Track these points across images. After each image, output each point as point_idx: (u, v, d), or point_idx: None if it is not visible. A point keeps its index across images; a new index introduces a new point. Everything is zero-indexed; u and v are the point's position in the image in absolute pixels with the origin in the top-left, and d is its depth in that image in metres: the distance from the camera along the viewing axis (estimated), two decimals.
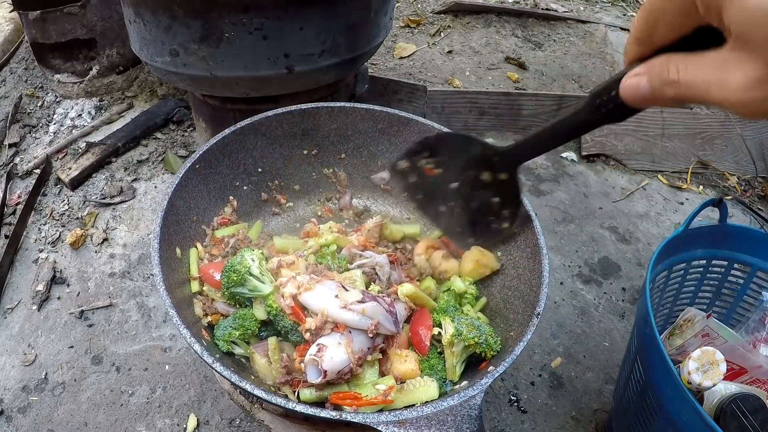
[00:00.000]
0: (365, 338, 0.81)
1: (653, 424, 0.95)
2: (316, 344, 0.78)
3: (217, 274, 0.92)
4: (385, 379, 0.82)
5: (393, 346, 0.87)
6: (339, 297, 0.81)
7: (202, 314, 0.93)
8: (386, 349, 0.86)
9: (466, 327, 0.85)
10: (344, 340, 0.78)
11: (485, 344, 0.85)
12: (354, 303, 0.80)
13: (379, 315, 0.81)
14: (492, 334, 0.87)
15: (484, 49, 2.50)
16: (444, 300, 0.96)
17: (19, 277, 1.53)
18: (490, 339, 0.85)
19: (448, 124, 1.16)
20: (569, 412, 1.30)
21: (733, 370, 1.06)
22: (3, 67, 2.15)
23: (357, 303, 0.80)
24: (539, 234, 0.94)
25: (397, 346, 0.87)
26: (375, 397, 0.77)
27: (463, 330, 0.85)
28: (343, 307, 0.80)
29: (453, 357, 0.87)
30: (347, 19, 1.26)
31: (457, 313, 0.93)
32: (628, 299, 1.59)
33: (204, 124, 1.66)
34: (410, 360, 0.84)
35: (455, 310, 0.94)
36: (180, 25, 1.18)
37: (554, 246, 1.71)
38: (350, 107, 1.15)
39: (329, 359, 0.76)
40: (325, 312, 0.79)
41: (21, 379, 1.31)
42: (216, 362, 0.74)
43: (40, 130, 1.95)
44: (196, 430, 1.22)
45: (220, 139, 1.04)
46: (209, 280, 0.94)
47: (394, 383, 0.80)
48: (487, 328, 0.88)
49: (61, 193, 1.73)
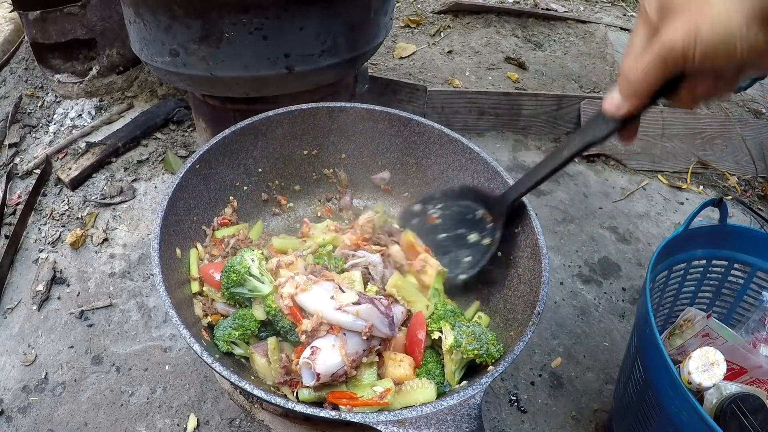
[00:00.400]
0: (360, 340, 0.80)
1: (653, 424, 0.95)
2: (310, 347, 0.78)
3: (217, 275, 0.92)
4: (383, 381, 0.82)
5: (389, 349, 0.86)
6: (335, 298, 0.81)
7: (202, 314, 0.93)
8: (382, 352, 0.85)
9: (466, 337, 0.83)
10: (338, 343, 0.78)
11: (486, 354, 0.82)
12: (348, 305, 0.80)
13: (373, 317, 0.81)
14: (494, 342, 0.84)
15: (484, 49, 2.50)
16: (441, 304, 0.94)
17: (19, 277, 1.53)
18: (491, 348, 0.82)
19: (448, 124, 1.17)
20: (569, 412, 1.30)
21: (733, 370, 1.06)
22: (3, 67, 2.15)
23: (352, 305, 0.80)
24: (539, 234, 0.94)
25: (393, 349, 0.86)
26: (371, 398, 0.77)
27: (462, 341, 0.82)
28: (338, 308, 0.79)
29: (452, 363, 0.85)
30: (347, 19, 1.26)
31: (459, 319, 0.91)
32: (628, 299, 1.59)
33: (204, 124, 1.66)
34: (405, 364, 0.84)
35: (454, 316, 0.91)
36: (180, 25, 1.18)
37: (554, 246, 1.71)
38: (350, 107, 1.15)
39: (322, 362, 0.76)
40: (320, 313, 0.79)
41: (21, 379, 1.31)
42: (216, 362, 0.74)
43: (40, 130, 1.95)
44: (196, 430, 1.22)
45: (220, 139, 1.04)
46: (209, 281, 0.94)
47: (391, 386, 0.80)
48: (489, 335, 0.85)
49: (61, 193, 1.73)
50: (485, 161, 1.08)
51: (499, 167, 1.06)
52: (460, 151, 1.12)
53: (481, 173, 1.10)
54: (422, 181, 1.21)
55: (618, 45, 2.58)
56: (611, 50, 2.54)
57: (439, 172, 1.18)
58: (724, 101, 2.34)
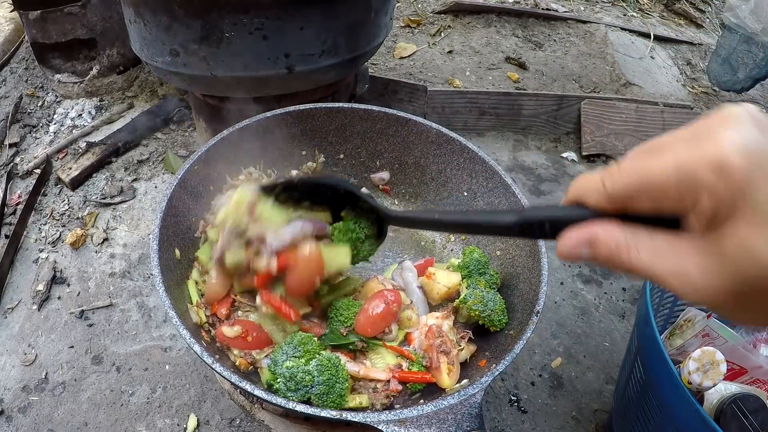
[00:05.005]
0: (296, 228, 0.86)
1: (653, 424, 0.95)
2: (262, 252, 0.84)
3: (228, 330, 0.89)
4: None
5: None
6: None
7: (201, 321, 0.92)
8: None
9: (473, 298, 0.92)
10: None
11: (488, 319, 0.91)
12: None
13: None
14: (500, 311, 0.92)
15: (485, 49, 2.50)
16: (469, 251, 1.02)
17: (19, 277, 1.53)
18: (495, 316, 0.91)
19: (448, 124, 1.17)
20: (569, 412, 1.30)
21: (733, 370, 1.06)
22: (3, 67, 2.15)
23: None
24: None
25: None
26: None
27: (469, 300, 0.92)
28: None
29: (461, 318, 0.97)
30: (347, 19, 1.26)
31: (479, 282, 0.97)
32: (628, 299, 1.59)
33: (204, 124, 1.66)
34: None
35: (479, 267, 0.99)
36: (180, 25, 1.18)
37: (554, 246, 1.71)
38: (349, 108, 1.15)
39: (272, 240, 0.83)
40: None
41: (21, 379, 1.31)
42: (216, 362, 0.74)
43: (41, 130, 1.95)
44: (196, 430, 1.22)
45: (219, 140, 1.04)
46: (227, 341, 0.90)
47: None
48: (498, 304, 0.93)
49: (62, 193, 1.73)
50: (483, 161, 1.08)
51: (497, 166, 1.07)
52: (459, 151, 1.12)
53: (480, 173, 1.10)
54: (421, 180, 1.21)
55: (618, 45, 2.58)
56: (611, 50, 2.54)
57: (438, 172, 1.18)
58: (724, 104, 2.34)
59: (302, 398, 0.78)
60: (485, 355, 0.91)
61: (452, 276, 1.00)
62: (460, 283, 1.00)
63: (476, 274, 0.98)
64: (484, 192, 1.10)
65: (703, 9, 3.09)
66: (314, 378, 0.78)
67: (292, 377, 0.78)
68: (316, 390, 0.78)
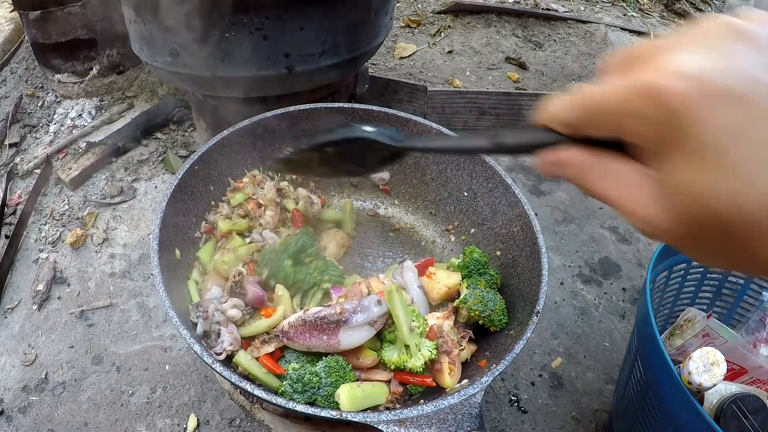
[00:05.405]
0: None
1: (653, 425, 0.95)
2: None
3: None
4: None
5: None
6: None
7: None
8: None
9: (473, 298, 0.92)
10: None
11: (488, 319, 0.91)
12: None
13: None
14: (500, 311, 0.92)
15: (485, 49, 2.50)
16: (469, 251, 1.02)
17: (19, 277, 1.53)
18: (495, 316, 0.91)
19: (448, 124, 1.17)
20: (569, 413, 1.30)
21: (733, 370, 1.06)
22: (3, 67, 2.15)
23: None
24: (538, 233, 0.94)
25: None
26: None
27: (469, 300, 0.92)
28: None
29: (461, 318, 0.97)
30: (347, 19, 1.26)
31: (479, 282, 0.97)
32: (628, 299, 1.59)
33: (204, 124, 1.66)
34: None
35: (478, 268, 0.99)
36: (180, 25, 1.18)
37: (554, 246, 1.71)
38: (348, 108, 1.15)
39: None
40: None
41: (21, 379, 1.31)
42: (216, 362, 0.74)
43: (41, 130, 1.95)
44: (197, 430, 1.22)
45: (219, 140, 1.04)
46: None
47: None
48: (498, 304, 0.93)
49: (62, 193, 1.73)
50: (483, 161, 1.08)
51: (497, 167, 1.07)
52: None
53: (480, 173, 1.10)
54: (421, 180, 1.21)
55: (618, 45, 2.58)
56: (611, 50, 2.54)
57: (438, 172, 1.18)
58: None
59: (309, 400, 0.78)
60: (485, 355, 0.91)
61: (452, 276, 1.00)
62: (460, 283, 0.99)
63: (476, 274, 0.98)
64: (485, 192, 1.10)
65: (703, 9, 3.09)
66: (321, 380, 0.78)
67: (299, 379, 0.78)
68: (323, 392, 0.78)
